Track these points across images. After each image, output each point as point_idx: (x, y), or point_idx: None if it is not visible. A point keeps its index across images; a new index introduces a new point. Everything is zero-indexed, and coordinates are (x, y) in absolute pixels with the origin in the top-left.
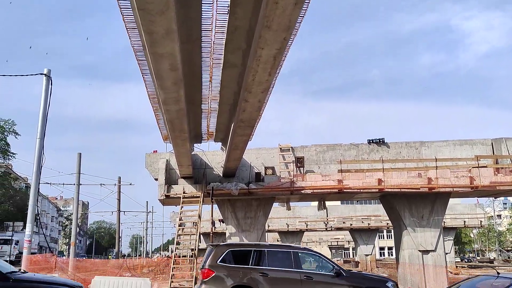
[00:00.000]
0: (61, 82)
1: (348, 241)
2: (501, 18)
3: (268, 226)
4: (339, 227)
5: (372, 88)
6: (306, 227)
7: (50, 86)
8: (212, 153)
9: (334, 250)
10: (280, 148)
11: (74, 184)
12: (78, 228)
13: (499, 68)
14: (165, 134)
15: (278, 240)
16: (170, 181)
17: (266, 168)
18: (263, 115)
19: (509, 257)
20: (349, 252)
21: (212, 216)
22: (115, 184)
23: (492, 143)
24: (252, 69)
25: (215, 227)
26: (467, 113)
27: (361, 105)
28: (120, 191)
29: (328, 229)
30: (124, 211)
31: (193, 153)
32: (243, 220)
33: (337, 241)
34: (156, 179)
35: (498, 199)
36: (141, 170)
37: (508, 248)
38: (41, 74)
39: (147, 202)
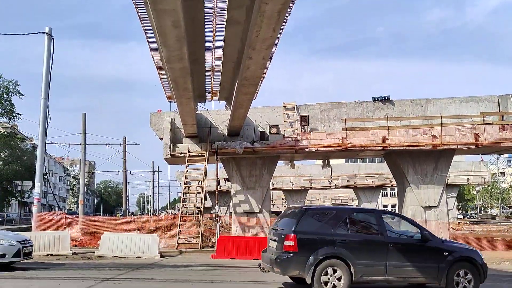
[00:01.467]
0: (62, 43)
1: (352, 199)
2: None
3: (273, 184)
4: (343, 185)
5: (378, 46)
6: (310, 185)
7: (52, 45)
8: (217, 112)
9: None
10: (285, 107)
11: (80, 144)
12: (85, 187)
13: (508, 24)
14: (169, 94)
15: (282, 199)
16: (175, 140)
17: (270, 126)
18: (268, 73)
19: (511, 214)
20: None
21: (217, 174)
22: (120, 144)
23: (498, 99)
24: (256, 25)
25: (220, 186)
26: (474, 70)
27: (367, 63)
28: (126, 151)
29: (332, 187)
30: (131, 171)
31: (197, 112)
32: (248, 178)
33: (341, 199)
34: (161, 139)
35: (502, 156)
36: (146, 130)
37: (511, 205)
38: (42, 32)
39: (152, 161)
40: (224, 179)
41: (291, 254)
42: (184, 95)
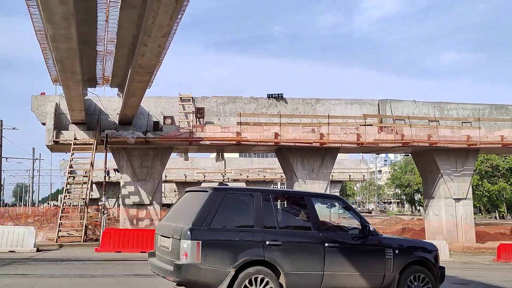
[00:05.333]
0: None
1: None
2: None
3: (166, 176)
4: (236, 178)
5: (274, 44)
6: (204, 178)
7: None
8: (108, 99)
9: None
10: (181, 98)
11: None
12: None
13: (389, 34)
14: (54, 76)
15: (175, 191)
16: (59, 126)
17: (165, 117)
18: (164, 63)
19: (385, 208)
20: None
21: (105, 164)
22: None
23: (378, 103)
24: (153, 11)
25: (109, 176)
26: (359, 75)
27: (263, 59)
28: (1, 136)
29: (225, 180)
30: (7, 158)
31: (86, 97)
32: (139, 169)
33: None
34: (44, 124)
35: (380, 155)
36: (27, 114)
37: (385, 201)
38: None
39: (33, 148)
40: (114, 169)
41: None
42: (71, 78)
